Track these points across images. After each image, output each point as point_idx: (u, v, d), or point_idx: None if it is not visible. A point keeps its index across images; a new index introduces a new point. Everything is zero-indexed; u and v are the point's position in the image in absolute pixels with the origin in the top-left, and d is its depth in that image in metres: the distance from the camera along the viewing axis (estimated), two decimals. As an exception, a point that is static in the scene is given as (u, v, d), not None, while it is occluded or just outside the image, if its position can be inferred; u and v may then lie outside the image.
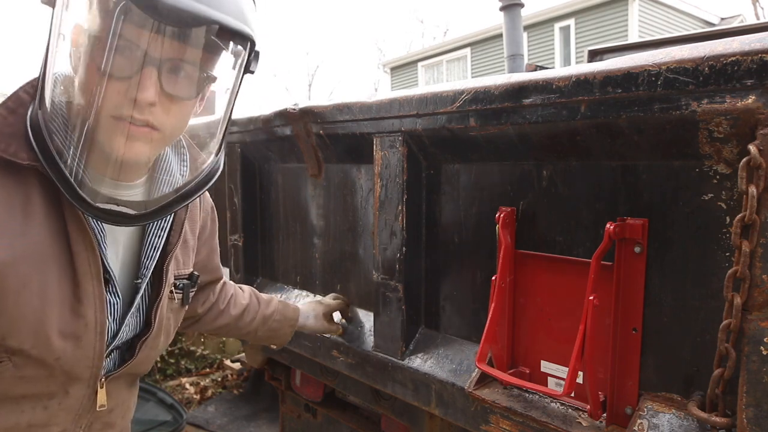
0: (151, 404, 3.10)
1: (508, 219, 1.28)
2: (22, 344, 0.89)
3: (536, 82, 1.10)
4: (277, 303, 1.60)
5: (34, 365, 0.92)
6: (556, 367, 1.28)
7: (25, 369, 0.91)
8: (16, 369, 0.90)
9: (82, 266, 0.93)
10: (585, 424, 1.16)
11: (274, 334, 1.58)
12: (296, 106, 1.70)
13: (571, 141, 1.14)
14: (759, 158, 0.85)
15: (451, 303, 1.51)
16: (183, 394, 3.72)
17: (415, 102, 1.36)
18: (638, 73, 0.96)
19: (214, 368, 4.16)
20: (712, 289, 1.01)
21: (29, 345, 0.89)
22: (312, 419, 2.34)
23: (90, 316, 0.95)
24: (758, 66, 0.84)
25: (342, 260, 1.83)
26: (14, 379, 0.91)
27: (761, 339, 0.88)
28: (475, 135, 1.28)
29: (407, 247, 1.49)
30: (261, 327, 1.55)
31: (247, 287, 1.60)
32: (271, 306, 1.57)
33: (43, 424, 0.96)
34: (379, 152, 1.49)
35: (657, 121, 0.98)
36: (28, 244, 0.87)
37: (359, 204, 1.73)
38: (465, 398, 1.34)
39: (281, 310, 1.59)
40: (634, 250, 1.10)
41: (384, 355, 1.56)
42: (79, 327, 0.94)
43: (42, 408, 0.96)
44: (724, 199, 0.98)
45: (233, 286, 1.54)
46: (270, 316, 1.56)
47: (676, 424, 1.04)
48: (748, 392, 0.90)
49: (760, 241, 0.88)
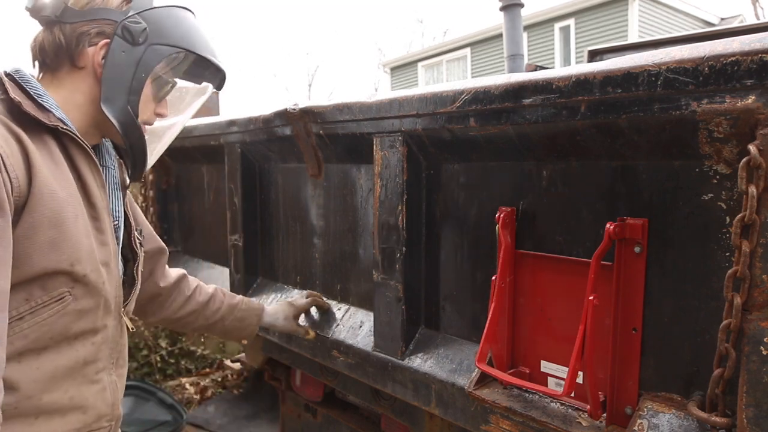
0: (151, 404, 3.09)
1: (508, 219, 1.28)
2: (85, 269, 1.04)
3: (536, 82, 1.10)
4: (241, 297, 1.73)
5: (89, 294, 1.07)
6: (556, 367, 1.28)
7: (82, 300, 1.06)
8: (75, 302, 1.04)
9: (99, 203, 1.11)
10: (585, 424, 1.16)
11: (241, 324, 1.69)
12: (296, 106, 1.70)
13: (571, 141, 1.14)
14: (759, 158, 0.85)
15: (451, 303, 1.51)
16: (183, 394, 3.72)
17: (415, 102, 1.36)
18: (638, 73, 0.96)
19: (214, 368, 4.16)
20: (712, 289, 1.01)
21: (89, 269, 1.05)
22: (312, 419, 2.34)
23: (111, 244, 1.14)
24: (758, 66, 0.84)
25: (342, 260, 1.83)
26: (73, 314, 1.05)
27: (761, 339, 0.88)
28: (475, 135, 1.28)
29: (407, 247, 1.49)
30: (228, 316, 1.65)
31: (213, 285, 1.69)
32: (236, 298, 1.71)
33: (93, 359, 1.11)
34: (379, 152, 1.49)
35: (657, 121, 0.98)
36: (68, 186, 1.04)
37: (359, 204, 1.73)
38: (465, 398, 1.34)
39: (247, 302, 1.72)
40: (634, 250, 1.10)
41: (384, 355, 1.56)
42: (107, 254, 1.12)
43: (90, 344, 1.10)
44: (724, 199, 0.98)
45: (197, 280, 1.66)
46: (236, 306, 1.68)
47: (676, 424, 1.04)
48: (748, 392, 0.90)
49: (760, 241, 0.88)
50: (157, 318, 1.57)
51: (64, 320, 1.04)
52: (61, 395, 1.05)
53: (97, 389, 1.12)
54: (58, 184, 1.01)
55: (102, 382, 1.14)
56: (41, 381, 1.02)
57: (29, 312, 0.99)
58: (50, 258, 0.99)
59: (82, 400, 1.09)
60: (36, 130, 1.03)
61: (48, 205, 0.98)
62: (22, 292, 0.98)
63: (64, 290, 1.03)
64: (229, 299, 1.68)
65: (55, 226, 0.99)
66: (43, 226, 0.97)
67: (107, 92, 1.11)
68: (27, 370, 1.00)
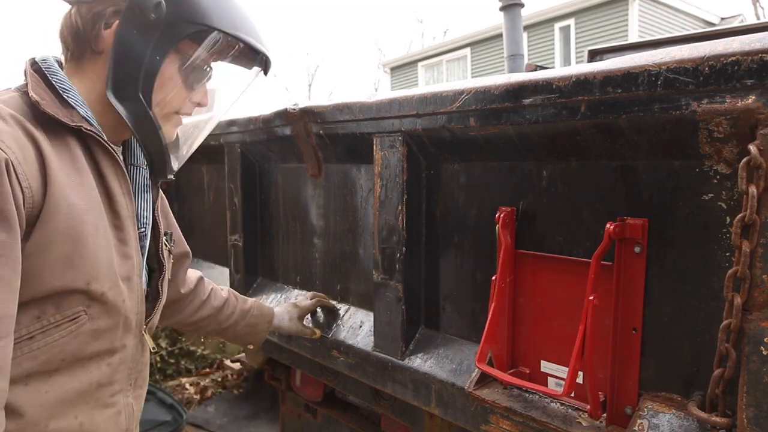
0: (151, 404, 3.09)
1: (508, 219, 1.28)
2: (103, 287, 0.95)
3: (536, 82, 1.10)
4: (253, 301, 1.68)
5: (107, 314, 0.98)
6: (556, 367, 1.28)
7: (99, 320, 0.97)
8: (91, 322, 0.95)
9: (123, 212, 1.02)
10: (585, 424, 1.16)
11: (252, 330, 1.65)
12: (296, 106, 1.70)
13: (571, 141, 1.14)
14: (759, 158, 0.85)
15: (451, 303, 1.51)
16: (183, 394, 3.72)
17: (415, 102, 1.35)
18: (638, 73, 0.96)
19: (214, 368, 4.16)
20: (712, 289, 1.01)
21: (107, 287, 0.96)
22: (312, 419, 2.34)
23: (134, 257, 1.04)
24: (758, 66, 0.84)
25: (342, 260, 1.83)
26: (88, 334, 0.95)
27: (761, 339, 0.88)
28: (475, 135, 1.28)
29: (407, 247, 1.49)
30: (240, 321, 1.61)
31: (226, 287, 1.66)
32: (248, 302, 1.66)
33: (108, 382, 1.02)
34: (379, 152, 1.49)
35: (657, 121, 0.98)
36: (89, 194, 0.95)
37: (359, 204, 1.73)
38: (465, 398, 1.34)
39: (258, 307, 1.67)
40: (634, 250, 1.10)
41: (384, 355, 1.56)
42: (130, 268, 1.03)
43: (106, 365, 1.01)
44: (724, 199, 0.98)
45: (212, 282, 1.61)
46: (248, 311, 1.63)
47: (676, 424, 1.03)
48: (748, 392, 0.89)
49: (760, 241, 0.87)
50: (171, 321, 1.51)
51: (78, 341, 0.95)
52: (70, 422, 0.95)
53: (110, 414, 1.03)
54: (76, 193, 0.92)
55: (117, 405, 1.05)
56: (49, 406, 0.92)
57: (40, 331, 0.90)
58: (64, 276, 0.90)
59: (93, 427, 0.99)
60: (57, 130, 0.94)
61: (64, 218, 0.89)
62: (35, 309, 0.89)
63: (80, 309, 0.94)
64: (242, 304, 1.63)
65: (70, 241, 0.90)
66: (56, 241, 0.88)
67: (115, 79, 0.99)
68: (34, 394, 0.91)
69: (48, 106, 0.93)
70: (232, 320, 1.59)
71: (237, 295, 1.65)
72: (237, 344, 1.72)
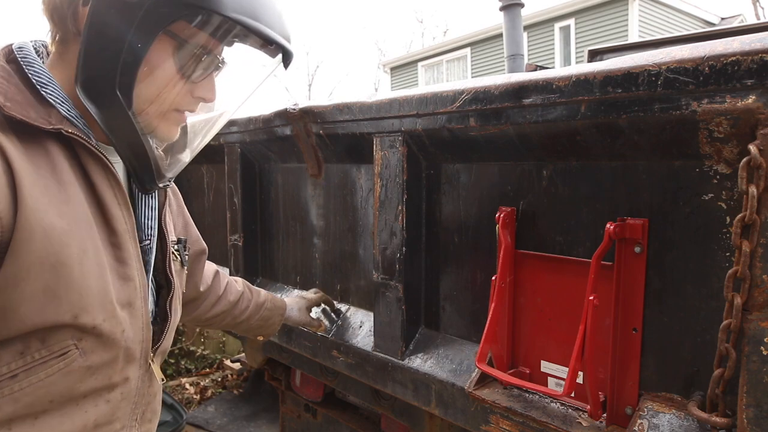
0: (151, 404, 3.09)
1: (508, 219, 1.28)
2: (95, 319, 0.81)
3: (536, 82, 1.10)
4: (266, 293, 1.65)
5: (103, 347, 0.84)
6: (556, 367, 1.28)
7: (93, 355, 0.83)
8: (83, 357, 0.82)
9: (120, 226, 0.87)
10: (585, 424, 1.16)
11: (266, 323, 1.63)
12: (296, 106, 1.70)
13: (571, 141, 1.14)
14: (759, 158, 0.85)
15: (451, 303, 1.51)
16: (183, 394, 3.72)
17: (415, 102, 1.35)
18: (638, 73, 0.96)
19: (214, 368, 4.16)
20: (712, 289, 1.01)
21: (101, 318, 0.82)
22: (312, 419, 2.34)
23: (136, 278, 0.90)
24: (758, 66, 0.84)
25: (342, 260, 1.83)
26: (80, 371, 0.82)
27: (761, 339, 0.88)
28: (475, 135, 1.28)
29: (407, 247, 1.49)
30: (255, 315, 1.59)
31: (239, 279, 1.64)
32: (262, 295, 1.63)
33: (107, 421, 0.88)
34: (379, 152, 1.49)
35: (657, 121, 0.98)
36: (75, 210, 0.80)
37: (359, 204, 1.73)
38: (465, 398, 1.34)
39: (271, 299, 1.65)
40: (634, 250, 1.10)
41: (384, 355, 1.56)
42: (131, 291, 0.89)
43: (105, 402, 0.87)
44: (724, 199, 0.98)
45: (227, 275, 1.56)
46: (262, 305, 1.61)
47: (676, 425, 1.03)
48: (749, 392, 0.89)
49: (761, 241, 0.87)
50: (187, 319, 1.44)
51: (69, 380, 0.81)
52: None
53: None
54: (57, 212, 0.77)
55: None
56: None
57: (23, 369, 0.77)
58: (44, 311, 0.76)
59: None
60: (32, 135, 0.78)
61: (40, 245, 0.74)
62: (18, 344, 0.77)
63: (69, 343, 0.80)
64: (256, 297, 1.59)
65: (51, 271, 0.76)
66: (33, 273, 0.74)
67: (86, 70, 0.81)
68: None
69: (14, 108, 0.76)
70: (246, 314, 1.57)
71: (251, 288, 1.62)
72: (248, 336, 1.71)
